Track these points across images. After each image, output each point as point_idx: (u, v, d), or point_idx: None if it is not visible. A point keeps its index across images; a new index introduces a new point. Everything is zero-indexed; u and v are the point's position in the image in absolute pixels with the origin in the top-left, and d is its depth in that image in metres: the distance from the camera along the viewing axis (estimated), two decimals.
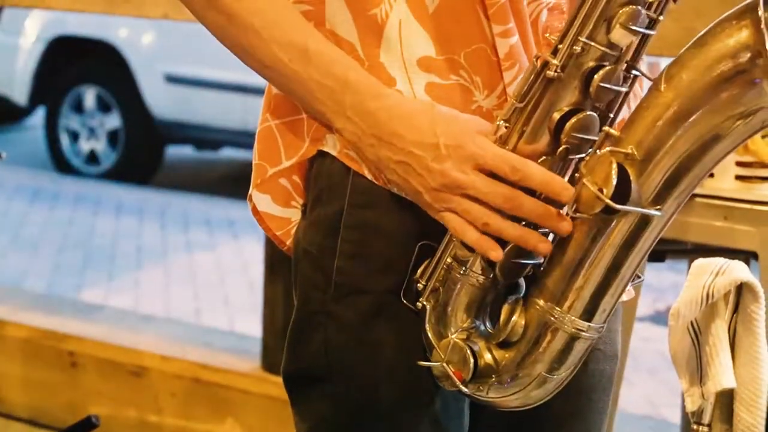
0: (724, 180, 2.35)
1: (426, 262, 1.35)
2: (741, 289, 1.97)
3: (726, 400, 1.86)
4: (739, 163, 2.37)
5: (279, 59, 1.36)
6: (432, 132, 1.31)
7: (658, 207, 1.27)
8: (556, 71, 1.27)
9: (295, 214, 1.46)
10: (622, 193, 1.24)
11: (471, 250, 1.31)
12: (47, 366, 3.92)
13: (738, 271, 2.01)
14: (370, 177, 1.37)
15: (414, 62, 1.36)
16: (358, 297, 1.39)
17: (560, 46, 1.27)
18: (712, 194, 2.32)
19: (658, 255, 2.33)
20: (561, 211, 1.29)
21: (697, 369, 1.89)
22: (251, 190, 1.47)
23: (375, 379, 1.39)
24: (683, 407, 2.39)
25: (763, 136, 2.38)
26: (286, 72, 1.36)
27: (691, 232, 2.36)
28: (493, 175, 1.28)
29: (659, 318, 4.38)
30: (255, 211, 1.48)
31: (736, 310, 1.93)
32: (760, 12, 1.19)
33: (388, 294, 1.36)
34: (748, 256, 2.28)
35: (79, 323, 4.12)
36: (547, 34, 1.33)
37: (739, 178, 2.37)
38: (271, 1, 1.37)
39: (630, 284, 1.35)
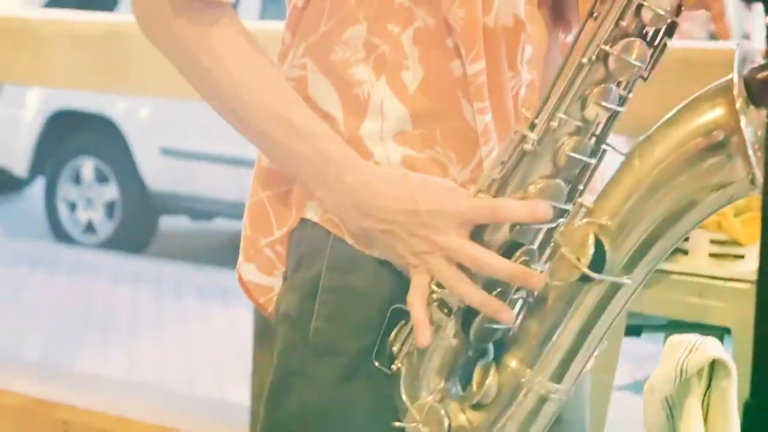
0: (698, 258, 2.37)
1: (400, 325, 1.34)
2: (714, 365, 1.98)
3: None
4: (713, 241, 2.39)
5: (265, 129, 1.38)
6: (411, 199, 1.32)
7: (628, 275, 1.28)
8: (532, 144, 1.28)
9: (277, 283, 1.46)
10: (598, 262, 1.25)
11: (447, 314, 1.31)
12: None
13: (711, 348, 2.00)
14: (350, 242, 1.38)
15: (390, 137, 1.37)
16: (334, 358, 1.39)
17: (536, 121, 1.28)
18: (687, 271, 2.33)
19: (634, 329, 2.35)
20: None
21: None
22: (240, 261, 1.47)
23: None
24: None
25: (736, 215, 2.40)
26: (272, 142, 1.39)
27: (666, 308, 2.37)
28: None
29: (639, 387, 4.34)
30: (240, 281, 1.49)
31: (709, 386, 1.93)
32: (735, 92, 1.21)
33: (364, 355, 1.36)
34: (722, 332, 2.28)
35: (72, 392, 4.09)
36: (524, 110, 1.34)
37: (712, 255, 2.39)
38: (259, 73, 1.39)
39: (597, 349, 1.35)
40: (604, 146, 1.32)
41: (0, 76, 4.59)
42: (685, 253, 2.29)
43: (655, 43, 1.31)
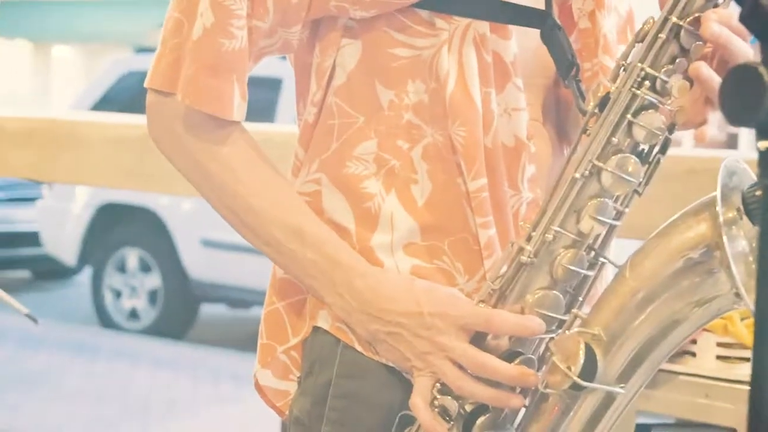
0: (706, 359, 2.36)
1: (408, 430, 1.34)
2: None
3: None
4: (720, 344, 2.38)
5: (275, 238, 1.39)
6: (415, 302, 1.33)
7: (622, 385, 1.27)
8: (529, 257, 1.28)
9: (292, 387, 1.46)
10: (589, 371, 1.24)
11: (448, 420, 1.31)
12: None
13: None
14: (359, 349, 1.38)
15: (401, 248, 1.38)
16: None
17: (533, 234, 1.29)
18: (695, 372, 2.32)
19: (644, 428, 2.33)
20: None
21: None
22: (257, 367, 1.47)
23: None
24: None
25: (742, 319, 2.40)
26: (283, 250, 1.39)
27: (674, 408, 2.36)
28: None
29: None
30: (257, 385, 1.48)
31: None
32: (718, 208, 1.21)
33: None
34: None
35: None
36: (521, 222, 1.35)
37: (719, 358, 2.38)
38: (269, 185, 1.40)
39: None
40: (602, 259, 1.32)
41: (47, 176, 4.64)
42: (693, 355, 2.29)
43: (650, 159, 1.31)
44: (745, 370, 2.30)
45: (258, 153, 1.42)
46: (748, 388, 2.29)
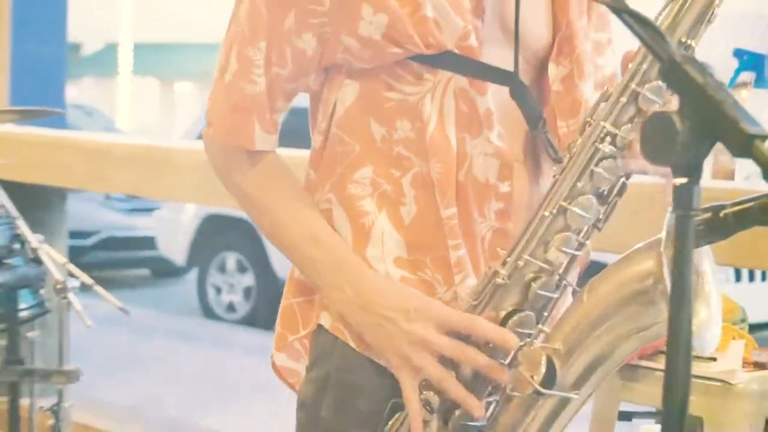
0: None
1: (396, 416, 1.34)
2: None
3: None
4: None
5: (295, 244, 1.40)
6: (403, 299, 1.33)
7: (576, 392, 1.27)
8: (503, 279, 1.28)
9: (303, 368, 1.46)
10: (550, 380, 1.24)
11: (430, 411, 1.30)
12: None
13: None
14: (353, 345, 1.37)
15: (391, 260, 1.37)
16: None
17: (508, 260, 1.29)
18: None
19: (626, 415, 2.33)
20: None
21: None
22: (273, 351, 1.48)
23: None
24: None
25: None
26: (300, 254, 1.40)
27: (652, 399, 2.34)
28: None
29: None
30: (274, 365, 1.48)
31: None
32: (662, 248, 1.20)
33: None
34: (696, 420, 2.25)
35: None
36: (499, 249, 1.34)
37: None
38: (292, 202, 1.42)
39: None
40: (565, 283, 1.31)
41: (146, 193, 4.67)
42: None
43: (608, 201, 1.31)
44: (711, 369, 2.28)
45: (285, 174, 1.44)
46: (713, 383, 2.29)
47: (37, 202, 4.03)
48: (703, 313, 1.21)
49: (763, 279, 6.95)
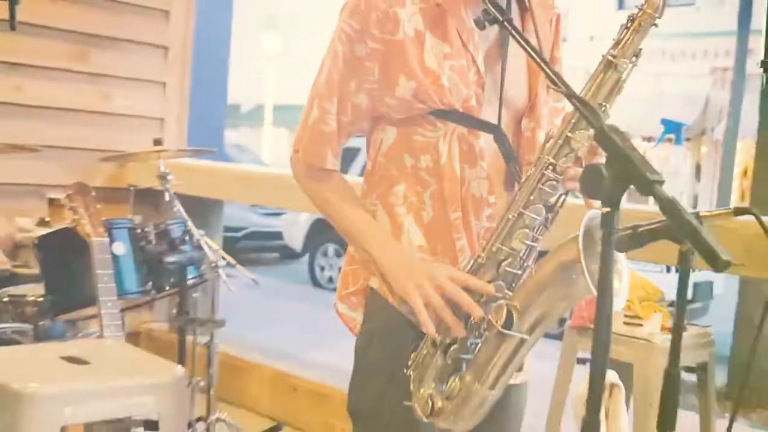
0: (617, 324, 2.33)
1: (414, 353, 1.32)
2: (612, 386, 1.96)
3: None
4: (626, 315, 2.34)
5: (351, 225, 1.38)
6: (425, 263, 1.32)
7: (528, 334, 1.25)
8: (483, 260, 1.28)
9: (359, 316, 1.43)
10: (508, 324, 1.23)
11: (436, 348, 1.28)
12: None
13: (612, 377, 1.99)
14: (394, 303, 1.34)
15: (415, 247, 1.36)
16: (374, 373, 1.39)
17: (486, 246, 1.28)
18: (613, 331, 2.29)
19: (582, 360, 2.28)
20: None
21: None
22: (335, 301, 1.45)
23: (390, 412, 1.36)
24: None
25: (640, 302, 2.35)
26: (354, 231, 1.38)
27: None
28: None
29: None
30: (337, 311, 1.46)
31: (609, 396, 1.91)
32: (579, 241, 1.19)
33: (397, 367, 1.32)
34: (627, 365, 2.24)
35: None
36: (481, 241, 1.34)
37: (625, 323, 2.34)
38: (349, 206, 1.39)
39: (516, 373, 1.31)
40: (526, 264, 1.29)
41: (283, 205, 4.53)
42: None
43: (553, 209, 1.28)
44: (639, 331, 2.27)
45: (344, 184, 1.42)
46: (641, 342, 2.25)
47: (204, 209, 4.04)
48: (616, 284, 1.19)
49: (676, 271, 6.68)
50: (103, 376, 1.63)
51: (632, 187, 0.96)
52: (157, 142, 2.95)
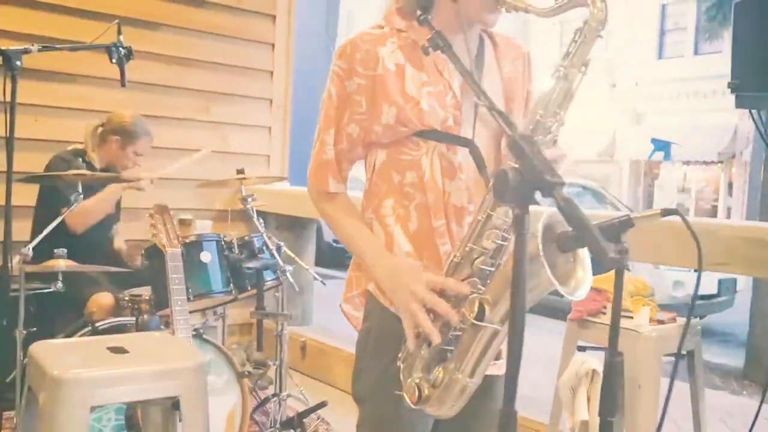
0: (606, 317, 2.15)
1: (403, 347, 1.24)
2: (593, 372, 1.75)
3: (584, 427, 1.63)
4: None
5: (353, 241, 1.30)
6: (409, 272, 1.21)
7: (500, 325, 1.14)
8: (458, 259, 1.19)
9: (361, 316, 1.37)
10: (480, 316, 1.13)
11: (427, 345, 1.20)
12: None
13: (594, 363, 1.80)
14: (386, 305, 1.28)
15: (404, 253, 1.29)
16: (379, 360, 1.30)
17: (460, 247, 1.20)
18: (607, 323, 2.06)
19: (581, 348, 2.11)
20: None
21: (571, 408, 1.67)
22: (341, 302, 1.39)
23: (385, 400, 1.28)
24: None
25: (631, 297, 2.15)
26: (356, 246, 1.30)
27: (595, 340, 2.11)
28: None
29: None
30: (343, 311, 1.40)
31: (591, 382, 1.71)
32: (538, 237, 1.04)
33: (389, 363, 1.25)
34: (618, 353, 1.97)
35: None
36: (457, 242, 1.25)
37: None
38: (351, 224, 1.32)
39: (493, 361, 1.20)
40: (498, 261, 1.19)
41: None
42: (604, 313, 2.06)
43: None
44: (630, 323, 2.13)
45: (349, 205, 1.36)
46: (632, 332, 2.03)
47: (297, 226, 4.03)
48: (579, 273, 1.08)
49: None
50: (133, 363, 1.56)
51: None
52: (240, 171, 2.95)
